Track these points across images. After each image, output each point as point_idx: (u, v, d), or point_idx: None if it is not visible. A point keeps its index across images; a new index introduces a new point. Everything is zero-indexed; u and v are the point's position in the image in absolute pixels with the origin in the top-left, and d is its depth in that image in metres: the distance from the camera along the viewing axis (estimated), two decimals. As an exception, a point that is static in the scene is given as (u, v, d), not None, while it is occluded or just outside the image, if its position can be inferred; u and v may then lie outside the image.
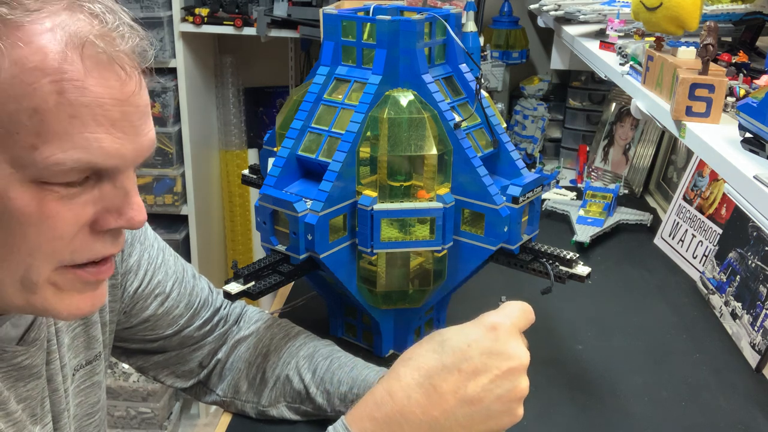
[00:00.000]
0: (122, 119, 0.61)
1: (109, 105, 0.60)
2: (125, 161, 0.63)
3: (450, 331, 0.72)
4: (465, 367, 0.69)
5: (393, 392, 0.70)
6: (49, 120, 0.57)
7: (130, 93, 0.62)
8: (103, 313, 0.88)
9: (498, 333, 0.70)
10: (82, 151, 0.59)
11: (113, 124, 0.60)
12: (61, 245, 0.62)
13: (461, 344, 0.70)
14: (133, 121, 0.62)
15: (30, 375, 0.74)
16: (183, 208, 2.45)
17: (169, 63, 2.27)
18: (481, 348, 0.70)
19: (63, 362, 0.81)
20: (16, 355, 0.72)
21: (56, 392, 0.79)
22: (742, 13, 1.11)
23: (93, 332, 0.86)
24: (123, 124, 0.61)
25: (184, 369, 1.03)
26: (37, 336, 0.75)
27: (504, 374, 0.70)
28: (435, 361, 0.70)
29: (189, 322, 1.00)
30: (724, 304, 1.29)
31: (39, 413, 0.76)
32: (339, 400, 0.96)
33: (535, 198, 1.03)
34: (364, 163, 1.00)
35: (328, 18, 1.05)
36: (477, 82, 1.05)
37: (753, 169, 0.70)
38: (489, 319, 0.71)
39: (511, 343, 0.70)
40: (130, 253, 0.92)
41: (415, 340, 1.18)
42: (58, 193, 0.60)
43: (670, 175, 1.84)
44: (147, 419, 2.43)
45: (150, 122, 0.66)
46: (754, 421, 1.04)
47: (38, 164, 0.58)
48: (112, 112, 0.60)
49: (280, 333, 1.04)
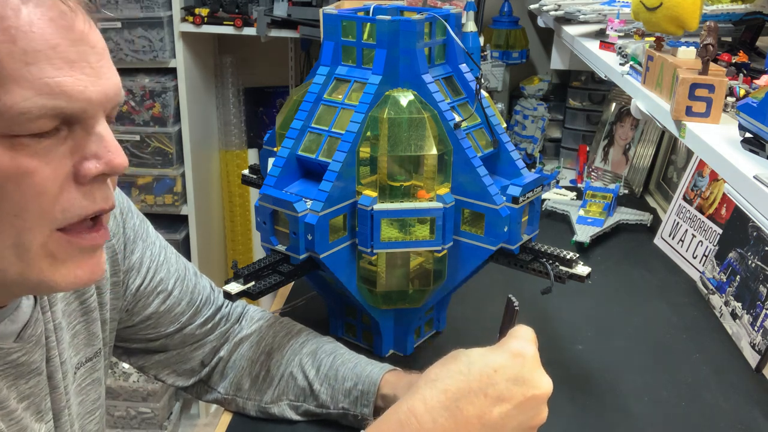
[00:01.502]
0: (79, 59, 0.60)
1: (62, 46, 0.59)
2: (91, 104, 0.61)
3: (475, 353, 0.71)
4: (491, 392, 0.68)
5: (418, 414, 0.69)
6: (4, 71, 0.57)
7: (81, 31, 0.61)
8: (103, 310, 0.87)
9: (524, 360, 0.69)
10: (45, 98, 0.58)
11: (71, 66, 0.60)
12: (47, 203, 0.61)
13: (488, 369, 0.69)
14: (91, 61, 0.61)
15: (30, 372, 0.74)
16: (183, 208, 2.45)
17: (169, 63, 2.27)
18: (508, 375, 0.69)
19: (63, 359, 0.80)
20: (11, 352, 0.71)
21: (56, 390, 0.79)
22: (742, 13, 1.11)
23: (93, 329, 0.86)
24: (81, 64, 0.60)
25: (185, 367, 1.03)
26: (34, 332, 0.74)
27: (527, 401, 0.69)
28: (462, 384, 0.69)
29: (191, 320, 1.00)
30: (724, 304, 1.29)
31: (43, 410, 0.76)
32: (343, 395, 0.96)
33: (535, 198, 1.03)
34: (364, 163, 1.00)
35: (328, 18, 1.05)
36: (477, 82, 1.05)
37: (753, 169, 0.70)
38: (515, 345, 0.70)
39: (537, 372, 0.70)
40: (132, 251, 0.92)
41: (416, 340, 1.18)
42: (31, 148, 0.59)
43: (670, 175, 1.84)
44: (147, 419, 2.43)
45: (112, 67, 0.65)
46: (754, 421, 1.04)
47: (4, 116, 0.57)
48: (67, 53, 0.59)
49: (282, 331, 1.05)
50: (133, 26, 2.20)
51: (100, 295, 0.87)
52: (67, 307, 0.82)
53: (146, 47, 2.22)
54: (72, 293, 0.83)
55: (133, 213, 0.93)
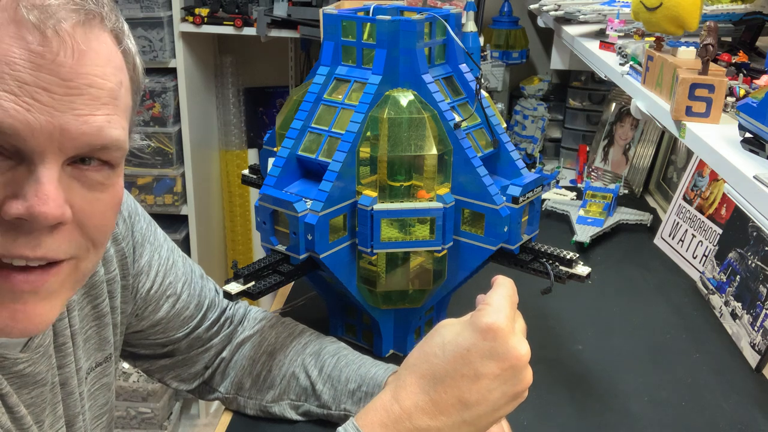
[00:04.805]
0: (34, 84, 0.55)
1: (20, 65, 0.54)
2: (33, 135, 0.55)
3: (448, 333, 0.72)
4: (466, 372, 0.69)
5: (401, 399, 0.71)
6: None
7: (53, 58, 0.55)
8: (114, 314, 0.86)
9: (495, 334, 0.70)
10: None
11: (20, 87, 0.54)
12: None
13: (461, 350, 0.70)
14: (52, 91, 0.55)
15: (34, 383, 0.73)
16: (183, 208, 2.45)
17: (169, 63, 2.27)
18: (481, 352, 0.69)
19: (78, 365, 0.79)
20: (17, 363, 0.70)
21: (71, 395, 0.79)
22: (742, 13, 1.11)
23: (105, 334, 0.85)
24: (35, 90, 0.55)
25: (190, 371, 1.03)
26: (42, 342, 0.73)
27: (504, 372, 0.70)
28: (437, 368, 0.71)
29: (198, 323, 1.00)
30: (724, 304, 1.29)
31: (45, 420, 0.75)
32: (347, 397, 0.96)
33: (535, 198, 1.03)
34: (364, 163, 1.00)
35: (328, 18, 1.05)
36: (477, 82, 1.05)
37: (753, 169, 0.70)
38: (483, 321, 0.70)
39: (510, 341, 0.70)
40: (141, 254, 0.90)
41: (416, 340, 1.18)
42: None
43: (670, 175, 1.84)
44: (147, 419, 2.43)
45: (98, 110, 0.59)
46: (754, 421, 1.04)
47: None
48: (21, 74, 0.54)
49: (285, 332, 1.05)
50: (133, 26, 2.17)
51: (111, 299, 0.85)
52: (80, 312, 0.81)
53: (146, 47, 2.22)
54: (84, 297, 0.82)
55: (140, 216, 0.91)
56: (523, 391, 0.72)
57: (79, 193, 0.61)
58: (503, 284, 0.75)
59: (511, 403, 0.72)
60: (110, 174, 0.63)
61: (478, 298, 0.76)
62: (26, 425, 0.71)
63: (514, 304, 0.74)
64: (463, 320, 0.73)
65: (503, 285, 0.75)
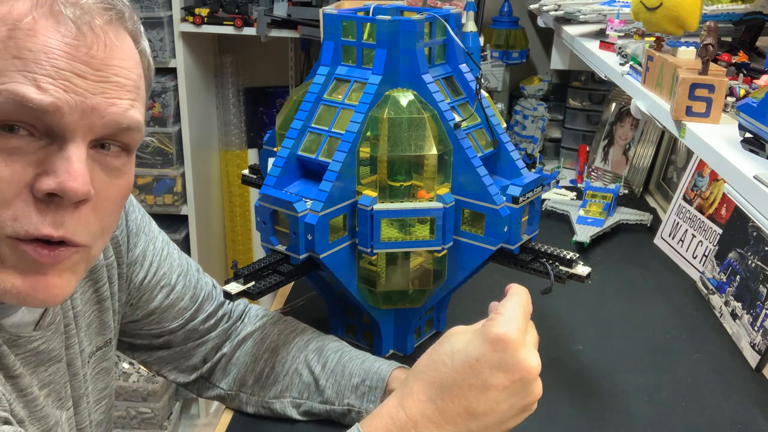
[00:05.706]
0: (69, 71, 0.60)
1: (56, 53, 0.60)
2: (70, 112, 0.61)
3: (459, 341, 0.71)
4: (475, 382, 0.68)
5: (407, 407, 0.70)
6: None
7: (87, 50, 0.61)
8: (113, 300, 0.89)
9: (506, 345, 0.68)
10: (15, 84, 0.59)
11: (57, 72, 0.60)
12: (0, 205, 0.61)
13: (470, 359, 0.69)
14: (86, 78, 0.61)
15: (49, 359, 0.75)
16: (183, 208, 2.45)
17: (169, 63, 2.27)
18: (490, 363, 0.68)
19: (82, 347, 0.82)
20: (32, 340, 0.73)
21: (76, 377, 0.81)
22: (742, 13, 1.11)
23: (105, 318, 0.87)
24: (68, 75, 0.60)
25: (187, 364, 1.04)
26: (53, 320, 0.76)
27: (514, 384, 0.69)
28: (445, 376, 0.69)
29: (194, 315, 1.01)
30: (724, 304, 1.29)
31: (63, 397, 0.77)
32: (350, 391, 0.96)
33: (535, 198, 1.03)
34: (364, 163, 1.01)
35: (328, 18, 1.05)
36: (477, 82, 1.05)
37: (753, 169, 0.70)
38: (494, 331, 0.69)
39: (520, 353, 0.69)
40: (135, 244, 0.92)
41: (416, 340, 1.18)
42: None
43: (670, 175, 1.84)
44: (147, 419, 2.43)
45: (123, 95, 0.65)
46: (754, 421, 1.04)
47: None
48: (58, 61, 0.60)
49: (287, 329, 1.05)
50: (133, 26, 2.19)
51: (111, 285, 0.88)
52: (82, 295, 0.83)
53: (146, 47, 2.22)
54: (87, 281, 0.84)
55: (134, 207, 0.93)
56: (532, 403, 0.71)
57: (98, 176, 0.66)
58: (518, 293, 0.74)
59: (520, 415, 0.71)
60: (126, 161, 0.69)
61: (491, 306, 0.74)
62: (38, 407, 0.72)
63: (528, 315, 0.73)
64: (474, 328, 0.71)
65: (518, 294, 0.73)
